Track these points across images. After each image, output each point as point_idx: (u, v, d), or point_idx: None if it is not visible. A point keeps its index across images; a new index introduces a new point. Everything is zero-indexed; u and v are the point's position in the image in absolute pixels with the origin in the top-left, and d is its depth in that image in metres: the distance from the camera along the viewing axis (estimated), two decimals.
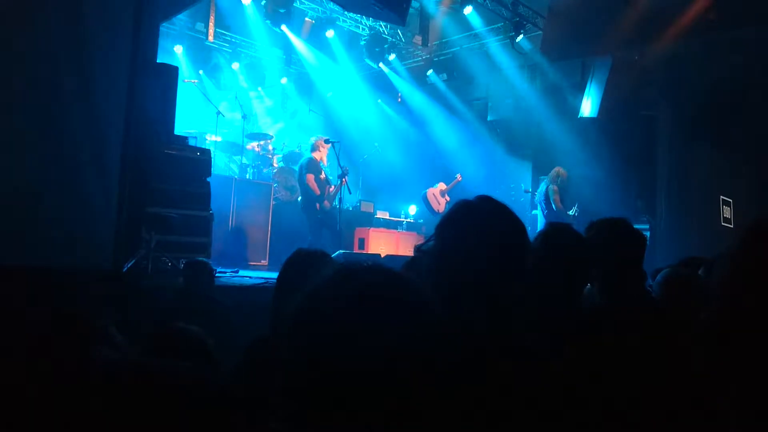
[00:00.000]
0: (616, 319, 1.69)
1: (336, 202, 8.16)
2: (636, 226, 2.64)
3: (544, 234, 2.11)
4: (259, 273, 6.81)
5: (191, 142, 7.81)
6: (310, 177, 8.13)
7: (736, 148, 9.21)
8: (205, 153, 6.63)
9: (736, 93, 8.68)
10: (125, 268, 4.49)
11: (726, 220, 9.33)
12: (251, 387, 1.71)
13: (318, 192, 8.11)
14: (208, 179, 6.42)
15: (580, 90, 9.51)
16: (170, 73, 6.11)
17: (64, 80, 3.91)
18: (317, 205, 8.11)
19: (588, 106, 9.17)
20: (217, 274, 6.13)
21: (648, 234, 8.41)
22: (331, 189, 8.27)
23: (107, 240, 4.12)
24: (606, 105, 8.95)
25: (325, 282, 0.88)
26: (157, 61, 6.11)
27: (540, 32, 10.52)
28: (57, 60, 3.89)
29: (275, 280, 2.19)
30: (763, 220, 0.73)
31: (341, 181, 8.06)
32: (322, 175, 8.37)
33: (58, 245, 3.79)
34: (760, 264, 0.69)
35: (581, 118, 9.37)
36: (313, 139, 8.49)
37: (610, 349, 1.47)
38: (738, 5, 8.02)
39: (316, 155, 8.32)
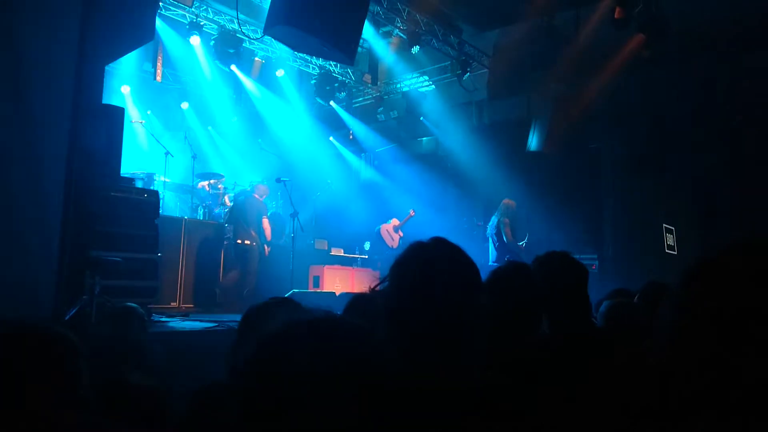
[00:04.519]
0: (561, 351, 1.71)
1: (289, 240, 8.14)
2: (584, 256, 2.71)
3: (497, 274, 2.13)
4: (211, 316, 6.63)
5: (139, 184, 7.65)
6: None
7: (677, 177, 9.62)
8: (153, 194, 6.50)
9: (677, 124, 9.10)
10: (67, 316, 4.29)
11: (669, 247, 9.67)
12: None
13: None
14: (157, 221, 6.27)
15: (527, 125, 9.79)
16: (116, 114, 6.00)
17: (0, 121, 3.79)
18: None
19: (534, 141, 9.44)
20: (165, 319, 5.98)
21: (596, 263, 8.61)
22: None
23: (47, 287, 3.95)
24: (551, 139, 9.24)
25: (278, 333, 0.90)
26: (103, 101, 6.01)
27: (486, 70, 10.87)
28: None
29: (227, 324, 2.14)
30: (702, 260, 0.75)
31: (294, 220, 8.12)
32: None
33: None
34: (699, 303, 0.71)
35: (528, 151, 9.62)
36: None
37: (557, 380, 1.49)
38: (669, 44, 8.48)
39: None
